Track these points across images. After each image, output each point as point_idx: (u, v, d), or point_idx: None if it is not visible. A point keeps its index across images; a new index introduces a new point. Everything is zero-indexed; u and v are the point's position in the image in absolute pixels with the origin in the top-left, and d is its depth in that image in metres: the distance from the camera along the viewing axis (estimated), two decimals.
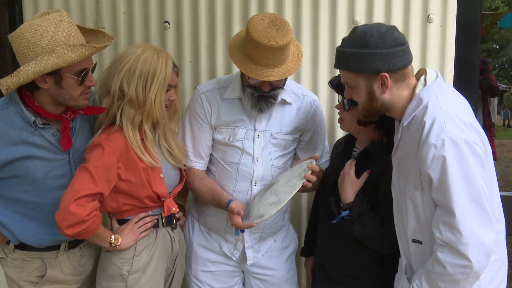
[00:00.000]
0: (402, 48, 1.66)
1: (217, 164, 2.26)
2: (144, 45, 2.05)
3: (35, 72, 1.74)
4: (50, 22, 1.77)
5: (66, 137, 1.94)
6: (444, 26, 2.58)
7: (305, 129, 2.29)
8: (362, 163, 2.01)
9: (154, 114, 2.01)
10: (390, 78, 1.66)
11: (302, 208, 2.77)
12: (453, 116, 1.58)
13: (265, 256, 2.34)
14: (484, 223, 1.55)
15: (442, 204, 1.59)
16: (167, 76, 2.00)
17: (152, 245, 2.11)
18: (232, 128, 2.19)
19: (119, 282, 2.04)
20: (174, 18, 2.65)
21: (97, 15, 2.67)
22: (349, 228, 1.97)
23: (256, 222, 2.01)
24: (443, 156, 1.53)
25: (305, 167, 2.07)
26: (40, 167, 1.92)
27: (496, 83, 5.44)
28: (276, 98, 2.12)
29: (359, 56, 1.66)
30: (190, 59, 2.68)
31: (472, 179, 1.54)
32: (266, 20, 1.98)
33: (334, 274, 2.15)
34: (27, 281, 2.05)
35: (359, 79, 1.70)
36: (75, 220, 1.80)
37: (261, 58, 1.96)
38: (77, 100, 1.89)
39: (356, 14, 2.58)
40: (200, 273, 2.35)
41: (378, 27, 1.67)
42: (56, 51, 1.75)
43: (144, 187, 2.03)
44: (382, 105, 1.72)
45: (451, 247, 1.56)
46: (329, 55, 2.63)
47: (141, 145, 2.01)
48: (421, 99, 1.66)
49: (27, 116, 1.86)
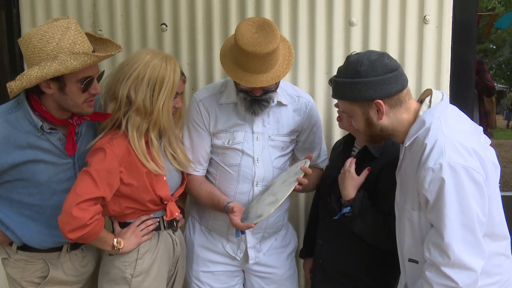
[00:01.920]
0: (394, 74, 1.67)
1: (217, 167, 2.27)
2: (153, 51, 2.04)
3: (37, 77, 1.76)
4: (57, 29, 1.79)
5: (71, 142, 1.95)
6: (440, 27, 2.58)
7: (301, 130, 2.30)
8: (361, 161, 2.03)
9: (161, 122, 2.01)
10: (385, 104, 1.68)
11: (300, 209, 2.77)
12: (454, 141, 1.58)
13: (266, 255, 2.36)
14: (473, 249, 1.55)
15: (435, 226, 1.60)
16: (175, 84, 2.00)
17: (154, 248, 2.11)
18: (231, 133, 2.20)
19: (122, 285, 2.04)
20: (171, 20, 2.65)
21: (94, 17, 2.67)
22: (351, 225, 1.99)
23: (255, 222, 2.02)
24: (440, 180, 1.54)
25: (299, 168, 2.09)
26: (46, 171, 1.93)
27: (492, 83, 5.45)
28: (269, 101, 2.13)
29: (351, 85, 1.68)
30: (187, 61, 2.68)
31: (466, 205, 1.54)
32: (254, 25, 1.98)
33: (334, 273, 2.16)
34: (29, 281, 2.06)
35: (355, 107, 1.73)
36: (77, 224, 1.80)
37: (250, 64, 1.98)
38: (80, 107, 1.90)
39: (353, 15, 2.59)
40: (201, 274, 2.35)
41: (368, 55, 1.69)
42: (59, 58, 1.77)
43: (146, 191, 2.03)
44: (382, 130, 1.74)
45: (438, 268, 1.57)
46: (326, 56, 2.64)
47: (146, 152, 2.00)
48: (424, 121, 1.66)
49: (35, 121, 1.87)
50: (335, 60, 2.62)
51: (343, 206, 2.03)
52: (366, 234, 1.99)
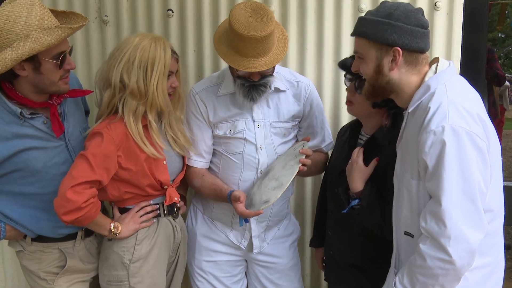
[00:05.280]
0: (423, 31, 1.63)
1: (220, 156, 2.26)
2: (142, 34, 2.03)
3: (12, 59, 1.71)
4: (22, 7, 1.73)
5: (57, 122, 1.92)
6: (451, 14, 2.54)
7: (302, 115, 2.28)
8: (369, 151, 1.99)
9: (157, 103, 2.00)
10: (402, 56, 1.63)
11: (306, 198, 2.76)
12: (459, 105, 1.53)
13: (269, 244, 2.35)
14: (473, 221, 1.48)
15: (433, 194, 1.53)
16: (167, 63, 1.99)
17: (153, 234, 2.11)
18: (232, 122, 2.19)
19: (120, 270, 2.05)
20: (178, 6, 2.62)
21: (100, 3, 2.64)
22: (359, 217, 1.97)
23: (262, 208, 2.01)
24: (441, 142, 1.48)
25: (298, 150, 2.08)
26: (39, 157, 1.91)
27: (502, 72, 5.40)
28: (266, 86, 2.11)
29: (379, 23, 1.62)
30: (193, 47, 2.65)
31: (468, 171, 1.47)
32: (247, 9, 1.96)
33: (344, 264, 2.15)
34: (47, 272, 2.06)
35: (371, 49, 1.66)
36: (71, 206, 1.81)
37: (247, 49, 1.96)
38: (57, 85, 1.87)
39: (362, 1, 2.55)
40: (204, 263, 2.35)
41: (406, 4, 1.66)
42: (31, 36, 1.71)
43: (145, 176, 2.03)
44: (388, 83, 1.68)
45: (433, 238, 1.50)
46: (334, 43, 2.60)
47: (143, 136, 2.00)
48: (429, 87, 1.62)
49: (13, 109, 1.83)
50: (344, 47, 2.59)
51: (351, 198, 2.00)
52: (375, 226, 1.96)
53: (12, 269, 2.88)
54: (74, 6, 2.65)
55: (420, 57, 1.66)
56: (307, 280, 2.84)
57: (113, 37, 2.66)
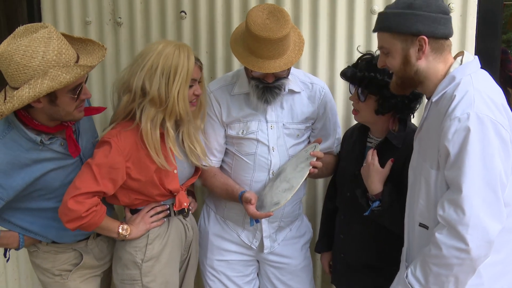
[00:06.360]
0: (445, 17, 1.62)
1: (233, 156, 2.26)
2: (166, 41, 2.03)
3: (29, 97, 1.69)
4: (39, 41, 1.70)
5: (73, 144, 1.93)
6: (465, 16, 2.52)
7: (316, 117, 2.29)
8: (382, 153, 1.99)
9: (177, 111, 1.98)
10: (428, 44, 1.62)
11: (318, 200, 2.75)
12: (484, 94, 1.52)
13: (281, 245, 2.36)
14: (493, 210, 1.46)
15: (452, 182, 1.51)
16: (190, 71, 1.98)
17: (164, 233, 2.12)
18: (245, 122, 2.20)
19: (133, 269, 2.07)
20: (191, 8, 2.63)
21: (114, 5, 2.67)
22: (380, 219, 1.96)
23: (272, 210, 2.01)
24: (465, 129, 1.47)
25: (309, 152, 2.08)
26: (57, 177, 1.93)
27: None
28: (281, 88, 2.12)
29: (401, 15, 1.62)
30: (206, 49, 2.66)
31: (491, 161, 1.46)
32: (265, 12, 1.97)
33: (359, 266, 2.15)
34: (61, 269, 2.10)
35: (396, 41, 1.65)
36: (73, 215, 1.84)
37: (262, 50, 1.96)
38: (72, 114, 1.87)
39: (375, 3, 2.54)
40: (216, 262, 2.36)
41: None
42: (49, 73, 1.70)
43: (154, 186, 2.04)
44: (416, 73, 1.66)
45: (451, 226, 1.48)
46: (347, 45, 2.60)
47: (159, 145, 1.98)
48: (454, 77, 1.62)
49: (32, 137, 1.83)
50: (356, 49, 2.58)
51: (370, 200, 2.00)
52: (395, 226, 1.95)
53: (26, 267, 2.91)
54: (88, 8, 2.68)
55: (445, 44, 1.66)
56: (318, 281, 2.83)
57: (127, 39, 2.68)
